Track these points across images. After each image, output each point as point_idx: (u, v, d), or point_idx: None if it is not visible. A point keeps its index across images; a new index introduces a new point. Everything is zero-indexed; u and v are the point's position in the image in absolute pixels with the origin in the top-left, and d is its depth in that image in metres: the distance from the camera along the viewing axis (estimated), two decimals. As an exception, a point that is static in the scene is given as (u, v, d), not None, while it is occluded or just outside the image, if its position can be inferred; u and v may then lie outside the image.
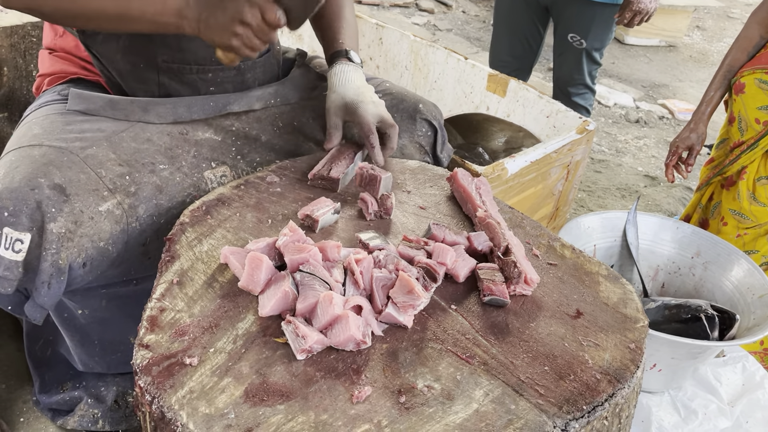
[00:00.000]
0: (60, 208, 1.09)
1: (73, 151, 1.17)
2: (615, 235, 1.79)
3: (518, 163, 1.79)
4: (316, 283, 0.98)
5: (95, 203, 1.14)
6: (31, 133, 1.21)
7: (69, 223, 1.10)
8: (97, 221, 1.13)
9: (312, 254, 1.03)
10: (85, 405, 1.52)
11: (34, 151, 1.15)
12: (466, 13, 5.81)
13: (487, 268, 1.09)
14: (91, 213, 1.13)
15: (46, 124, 1.23)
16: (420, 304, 0.99)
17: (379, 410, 0.84)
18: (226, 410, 0.82)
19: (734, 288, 1.64)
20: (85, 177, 1.15)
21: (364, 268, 1.02)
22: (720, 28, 6.60)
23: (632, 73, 5.09)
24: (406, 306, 0.98)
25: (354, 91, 1.40)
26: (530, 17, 2.73)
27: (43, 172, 1.11)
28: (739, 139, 1.91)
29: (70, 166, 1.14)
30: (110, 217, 1.15)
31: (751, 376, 1.65)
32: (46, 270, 1.08)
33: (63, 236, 1.09)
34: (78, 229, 1.11)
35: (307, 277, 0.99)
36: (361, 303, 0.97)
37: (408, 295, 0.98)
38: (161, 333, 0.93)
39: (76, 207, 1.11)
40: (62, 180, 1.12)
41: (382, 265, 1.05)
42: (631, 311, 1.07)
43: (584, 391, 0.89)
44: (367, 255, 1.05)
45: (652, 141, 4.03)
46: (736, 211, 1.91)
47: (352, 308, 0.95)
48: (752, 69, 1.85)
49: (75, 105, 1.28)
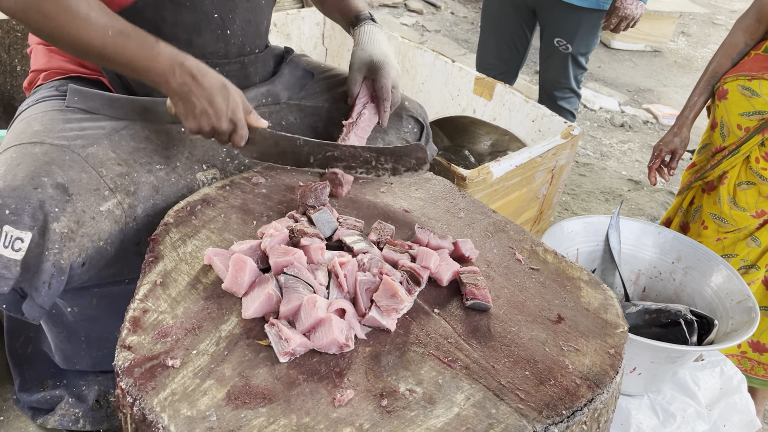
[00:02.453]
0: (63, 208, 1.09)
1: (74, 150, 1.16)
2: (598, 239, 1.81)
3: (503, 167, 1.80)
4: (300, 285, 0.99)
5: (96, 203, 1.14)
6: (31, 130, 1.19)
7: (71, 223, 1.10)
8: (98, 221, 1.14)
9: (297, 257, 1.03)
10: (66, 404, 1.51)
11: (36, 149, 1.14)
12: (455, 15, 5.82)
13: (469, 272, 1.10)
14: (93, 213, 1.13)
15: (46, 120, 1.22)
16: (403, 307, 1.00)
17: (361, 413, 0.85)
18: (208, 413, 0.82)
19: (713, 293, 1.67)
20: (86, 176, 1.15)
21: (348, 272, 1.03)
22: (705, 34, 6.67)
23: (618, 78, 5.13)
24: (389, 310, 0.98)
25: (380, 51, 1.47)
26: (517, 21, 2.75)
27: (45, 171, 1.10)
28: (720, 144, 1.93)
29: (71, 165, 1.14)
30: (110, 217, 1.16)
31: (728, 380, 1.67)
32: (48, 270, 1.07)
33: (65, 236, 1.09)
34: (80, 229, 1.11)
35: (291, 280, 0.99)
36: (345, 306, 0.97)
37: (391, 299, 0.98)
38: (144, 334, 0.93)
39: (78, 207, 1.11)
40: (65, 179, 1.11)
41: (366, 269, 1.06)
42: (612, 317, 1.08)
43: (564, 396, 0.90)
44: (351, 258, 1.06)
45: (636, 145, 4.07)
46: (716, 215, 1.94)
47: (335, 311, 0.96)
48: (735, 75, 1.87)
49: (73, 102, 1.27)
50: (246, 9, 1.40)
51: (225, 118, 1.18)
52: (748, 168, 1.86)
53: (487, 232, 1.27)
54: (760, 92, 1.79)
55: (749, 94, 1.82)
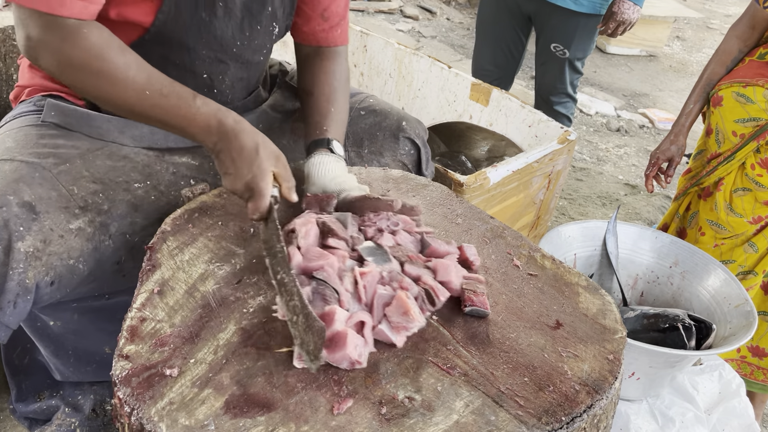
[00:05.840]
0: (28, 227, 1.06)
1: (45, 167, 1.13)
2: (595, 244, 1.81)
3: (500, 173, 1.80)
4: (328, 292, 0.99)
5: (66, 220, 1.11)
6: (3, 147, 1.17)
7: (37, 242, 1.07)
8: (67, 239, 1.11)
9: (329, 262, 1.03)
10: (63, 414, 1.50)
11: (5, 166, 1.12)
12: (451, 21, 5.84)
13: (470, 279, 1.10)
14: (61, 231, 1.10)
15: (20, 137, 1.19)
16: (414, 327, 0.98)
17: (360, 422, 0.84)
18: (206, 422, 0.82)
19: (711, 297, 1.67)
20: (56, 194, 1.12)
21: (368, 283, 1.02)
22: (699, 38, 6.70)
23: (613, 82, 5.15)
24: (399, 327, 0.97)
25: (333, 181, 1.27)
26: (513, 27, 2.76)
27: (12, 189, 1.07)
28: (716, 150, 1.94)
29: (41, 182, 1.11)
30: (81, 235, 1.13)
31: (727, 385, 1.67)
32: (12, 289, 1.05)
33: (30, 255, 1.06)
34: (47, 248, 1.08)
35: (321, 285, 1.00)
36: (365, 319, 0.96)
37: (403, 316, 0.97)
38: (141, 343, 0.93)
39: (46, 225, 1.08)
40: (32, 197, 1.08)
41: (386, 282, 1.04)
42: (610, 322, 1.08)
43: (563, 402, 0.90)
44: (374, 269, 1.04)
45: (632, 149, 4.08)
46: (713, 221, 1.94)
47: (354, 325, 0.95)
48: (730, 82, 1.88)
49: (50, 117, 1.24)
50: (238, 69, 1.38)
51: (241, 182, 1.11)
52: (744, 174, 1.86)
53: (484, 238, 1.27)
54: (754, 99, 1.80)
55: (744, 100, 1.83)
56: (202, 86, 1.33)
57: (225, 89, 1.39)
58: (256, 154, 1.11)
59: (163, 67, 1.17)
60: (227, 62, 1.34)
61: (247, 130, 1.13)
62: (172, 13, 1.21)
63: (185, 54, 1.28)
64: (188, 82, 1.19)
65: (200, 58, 1.30)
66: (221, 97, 1.38)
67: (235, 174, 1.11)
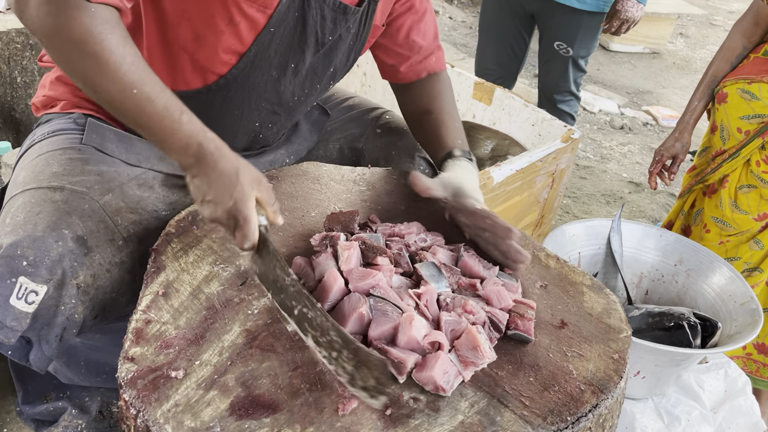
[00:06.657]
0: (81, 262, 1.07)
1: (93, 197, 1.14)
2: (599, 242, 1.81)
3: (504, 172, 1.80)
4: (388, 308, 0.96)
5: (112, 254, 1.12)
6: (50, 171, 1.16)
7: (88, 278, 1.08)
8: (112, 273, 1.12)
9: (377, 279, 1.01)
10: (69, 416, 1.50)
11: (57, 195, 1.11)
12: (453, 19, 5.84)
13: (520, 303, 1.05)
14: (108, 265, 1.12)
15: (65, 161, 1.18)
16: (483, 363, 0.94)
17: (365, 422, 0.84)
18: (211, 423, 0.82)
19: (716, 295, 1.66)
20: (103, 226, 1.12)
21: (428, 300, 1.01)
22: (703, 35, 6.68)
23: (617, 80, 5.13)
24: (468, 362, 0.93)
25: (471, 185, 1.28)
26: (516, 25, 2.75)
27: (66, 222, 1.07)
28: (721, 147, 1.93)
29: (90, 214, 1.11)
30: (123, 267, 1.14)
31: (733, 383, 1.66)
32: (61, 324, 1.06)
33: (81, 291, 1.07)
34: (95, 282, 1.09)
35: (379, 302, 0.97)
36: (442, 341, 0.93)
37: (472, 351, 0.93)
38: (147, 345, 0.93)
39: (96, 260, 1.09)
40: (84, 231, 1.09)
41: (449, 309, 1.01)
42: (615, 321, 1.08)
43: (568, 402, 0.90)
44: (430, 287, 1.03)
45: (636, 147, 4.07)
46: (718, 218, 1.94)
47: (430, 343, 0.93)
48: (735, 79, 1.87)
49: (91, 140, 1.22)
50: (287, 119, 1.43)
51: (222, 209, 1.01)
52: (749, 171, 1.85)
53: (488, 238, 1.26)
54: (759, 95, 1.79)
55: (749, 97, 1.82)
56: (251, 132, 1.37)
57: (269, 135, 1.42)
58: (236, 179, 1.01)
59: (219, 112, 1.21)
60: (280, 114, 1.38)
61: (227, 156, 1.04)
62: (246, 68, 1.23)
63: (245, 104, 1.30)
64: (239, 127, 1.22)
65: (258, 110, 1.33)
66: (263, 142, 1.43)
67: (215, 201, 1.01)
